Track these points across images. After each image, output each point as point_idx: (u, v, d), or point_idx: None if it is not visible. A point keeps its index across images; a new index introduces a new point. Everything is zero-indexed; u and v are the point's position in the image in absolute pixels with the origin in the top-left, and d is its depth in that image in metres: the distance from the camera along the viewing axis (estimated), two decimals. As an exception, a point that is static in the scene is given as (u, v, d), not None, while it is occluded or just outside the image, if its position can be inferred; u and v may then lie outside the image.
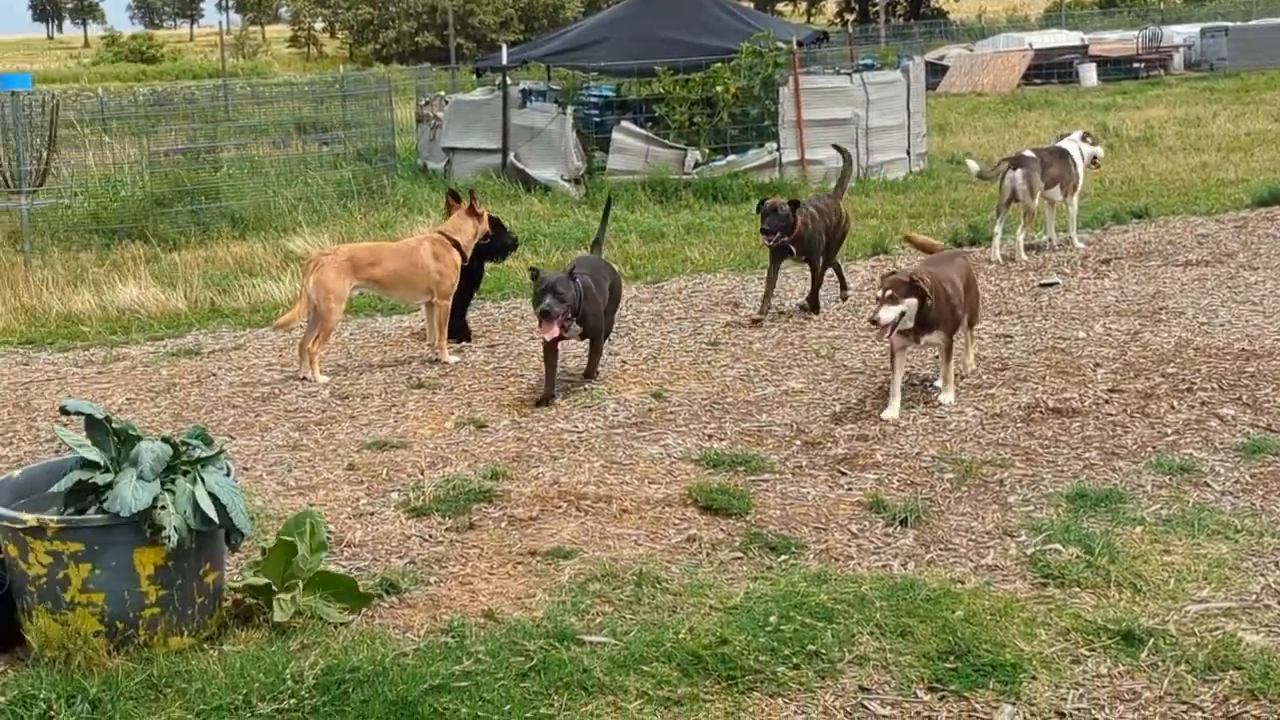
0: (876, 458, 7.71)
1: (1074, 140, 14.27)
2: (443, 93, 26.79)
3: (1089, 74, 40.81)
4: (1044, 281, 12.38)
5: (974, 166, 14.74)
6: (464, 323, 11.19)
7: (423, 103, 24.80)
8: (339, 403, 9.46)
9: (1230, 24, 46.26)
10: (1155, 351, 9.67)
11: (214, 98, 35.17)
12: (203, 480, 5.50)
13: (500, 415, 8.90)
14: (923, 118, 22.59)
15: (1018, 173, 13.44)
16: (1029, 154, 13.79)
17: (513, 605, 5.91)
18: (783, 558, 6.34)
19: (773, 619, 5.53)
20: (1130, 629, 5.38)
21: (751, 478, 7.47)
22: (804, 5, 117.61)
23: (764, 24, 22.56)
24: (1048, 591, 5.84)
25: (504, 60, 22.50)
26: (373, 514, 7.12)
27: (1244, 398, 8.50)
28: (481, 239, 10.80)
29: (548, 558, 6.42)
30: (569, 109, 20.87)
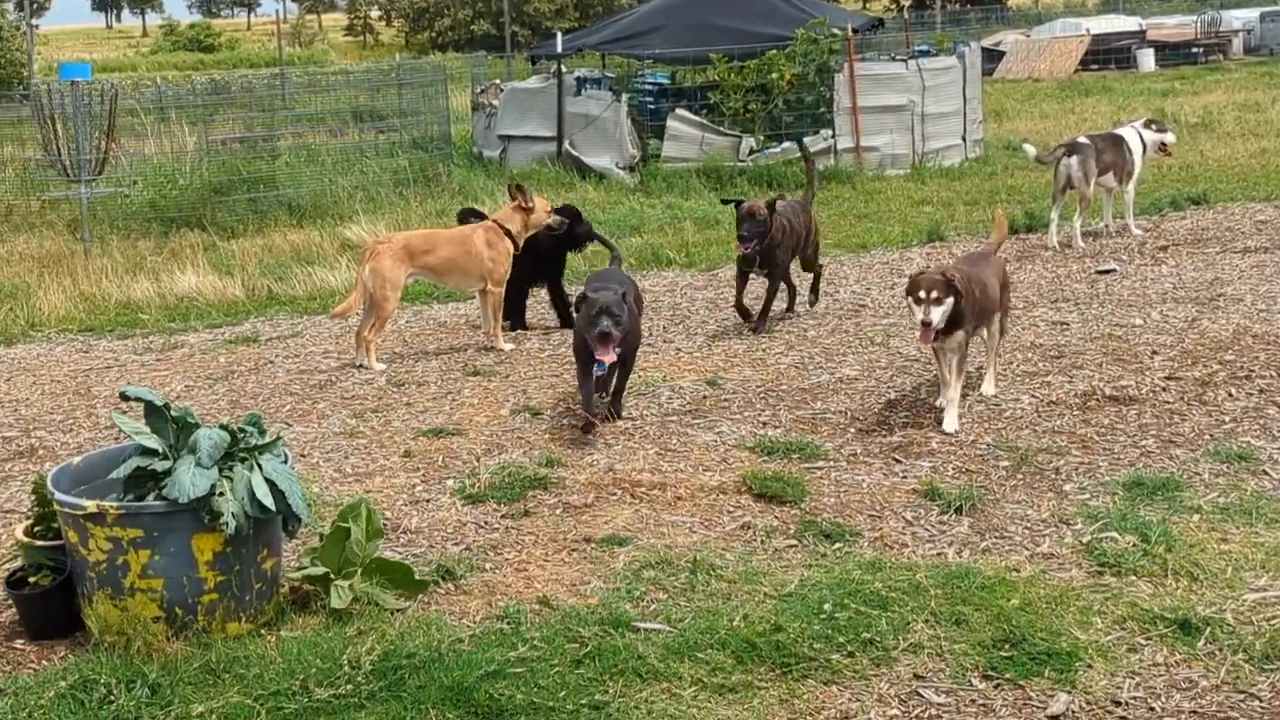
0: (931, 445, 7.69)
1: (1133, 127, 14.16)
2: (498, 80, 26.87)
3: (1147, 59, 40.47)
4: (1101, 268, 12.30)
5: (1031, 151, 14.67)
6: (522, 311, 11.28)
7: (478, 90, 24.86)
8: (395, 390, 9.50)
9: (1291, 8, 45.78)
10: (1213, 339, 9.59)
11: (271, 86, 35.39)
12: (260, 467, 5.54)
13: (555, 402, 8.92)
14: (979, 104, 22.46)
15: (1073, 159, 13.38)
16: (1084, 140, 13.71)
17: (568, 592, 5.93)
18: (837, 545, 6.34)
19: (827, 606, 5.53)
20: (1187, 618, 5.35)
21: (806, 465, 7.46)
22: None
23: (819, 10, 22.45)
24: (1104, 580, 5.81)
25: (559, 48, 22.49)
26: (429, 501, 7.15)
27: (1303, 385, 8.43)
28: (557, 228, 10.86)
29: (602, 545, 6.44)
30: (624, 96, 20.89)
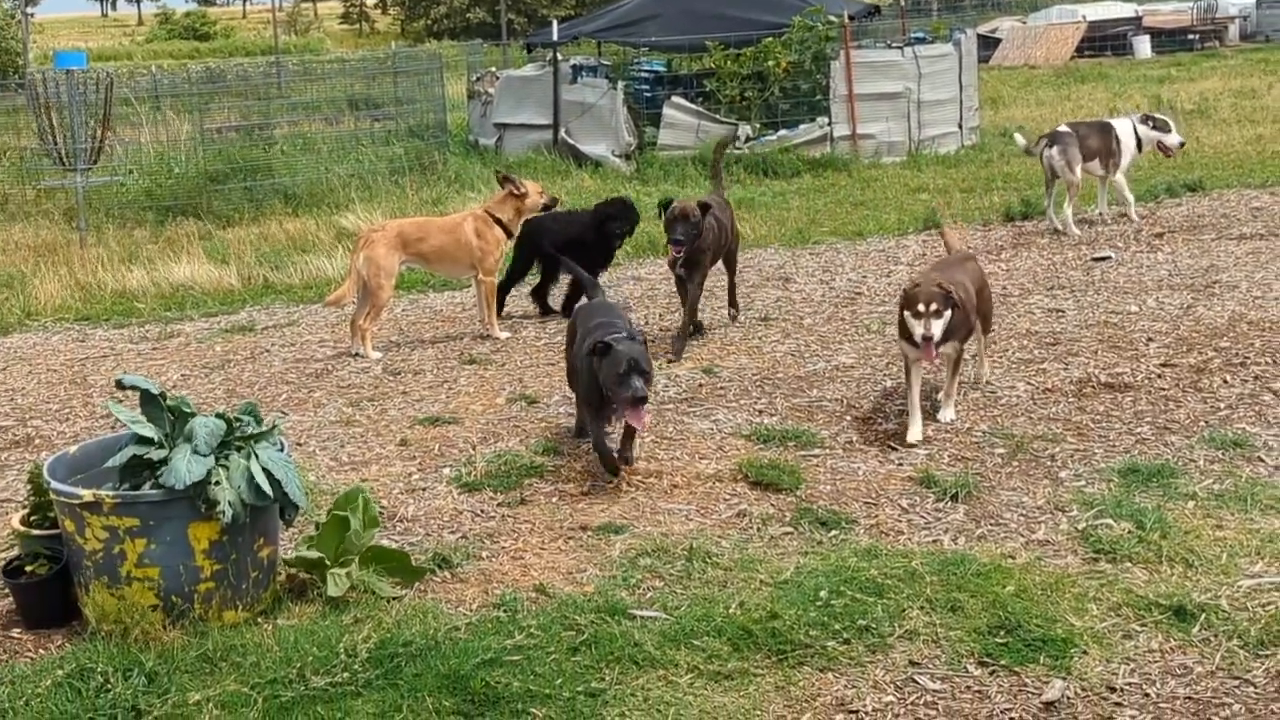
0: (927, 433, 7.69)
1: (1129, 119, 14.13)
2: (494, 69, 26.84)
3: (1143, 46, 40.48)
4: (1097, 255, 12.31)
5: (1021, 141, 14.68)
6: (545, 299, 11.36)
7: (474, 79, 24.85)
8: (391, 378, 9.51)
9: (1287, -6, 45.73)
10: (1208, 326, 9.60)
11: (267, 75, 35.37)
12: (257, 455, 5.54)
13: (552, 391, 8.92)
14: (975, 91, 22.46)
15: (1053, 149, 13.47)
16: (1064, 129, 13.77)
17: (564, 580, 5.94)
18: (833, 533, 6.35)
19: (823, 594, 5.54)
20: (1182, 604, 5.37)
21: (802, 453, 7.47)
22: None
23: (815, -2, 22.46)
24: (1099, 566, 5.82)
25: (555, 36, 22.50)
26: (425, 489, 7.16)
27: (1298, 372, 8.44)
28: (604, 218, 10.92)
29: (599, 532, 6.44)
30: (620, 84, 20.87)
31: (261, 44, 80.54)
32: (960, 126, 21.27)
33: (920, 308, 7.51)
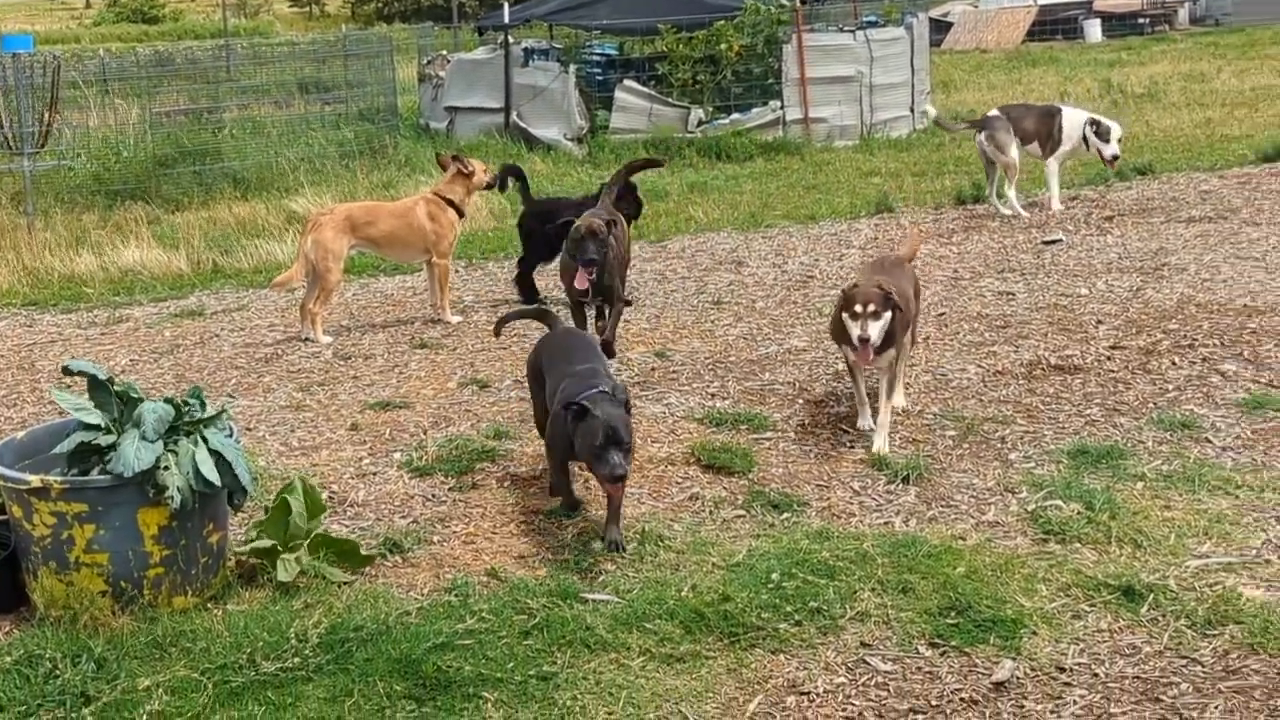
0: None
1: (1083, 112, 14.09)
2: (445, 52, 26.74)
3: (1094, 30, 40.65)
4: (1047, 239, 12.36)
5: (932, 112, 14.68)
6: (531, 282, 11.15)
7: (425, 62, 24.76)
8: (342, 363, 9.47)
9: (1235, -21, 45.97)
10: (1157, 308, 9.66)
11: (216, 58, 35.07)
12: (205, 441, 5.51)
13: (503, 375, 8.90)
14: (927, 75, 22.53)
15: (981, 135, 13.63)
16: (994, 114, 13.86)
17: (516, 564, 5.93)
18: (785, 515, 6.36)
19: (775, 576, 5.56)
20: (1130, 584, 5.40)
21: (754, 436, 7.48)
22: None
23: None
24: (1048, 547, 5.85)
25: (506, 19, 22.43)
26: (376, 474, 7.14)
27: (1245, 354, 8.49)
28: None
29: (551, 516, 6.44)
30: (571, 68, 20.84)
31: (211, 27, 79.80)
32: (912, 110, 21.29)
33: (858, 308, 7.08)
